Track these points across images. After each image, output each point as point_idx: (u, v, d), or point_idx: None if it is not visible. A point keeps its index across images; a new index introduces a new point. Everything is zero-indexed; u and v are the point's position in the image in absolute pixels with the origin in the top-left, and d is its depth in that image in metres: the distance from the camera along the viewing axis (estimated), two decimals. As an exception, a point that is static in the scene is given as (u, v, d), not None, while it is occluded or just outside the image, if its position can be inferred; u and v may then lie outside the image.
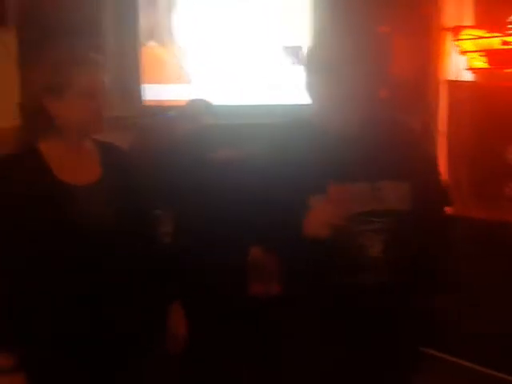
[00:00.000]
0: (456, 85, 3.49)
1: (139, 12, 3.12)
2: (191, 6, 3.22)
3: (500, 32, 3.19)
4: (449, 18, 3.45)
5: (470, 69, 3.38)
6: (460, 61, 3.43)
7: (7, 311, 1.59)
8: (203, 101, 2.77)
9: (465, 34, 3.33)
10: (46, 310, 1.60)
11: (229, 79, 3.28)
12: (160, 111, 3.04)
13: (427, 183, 1.78)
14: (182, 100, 2.86)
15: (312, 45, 1.71)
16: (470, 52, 3.33)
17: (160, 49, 3.18)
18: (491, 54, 3.24)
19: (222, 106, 2.94)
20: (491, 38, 3.22)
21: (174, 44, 3.21)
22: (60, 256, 1.58)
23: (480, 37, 3.26)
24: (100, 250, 1.61)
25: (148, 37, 3.17)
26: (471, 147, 3.44)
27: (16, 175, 1.61)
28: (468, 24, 3.40)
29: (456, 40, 3.38)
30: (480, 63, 3.30)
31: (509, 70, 3.22)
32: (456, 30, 3.38)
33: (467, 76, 3.45)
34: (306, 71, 1.66)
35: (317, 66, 1.63)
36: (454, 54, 3.44)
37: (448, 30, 3.44)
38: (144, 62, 3.16)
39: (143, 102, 3.17)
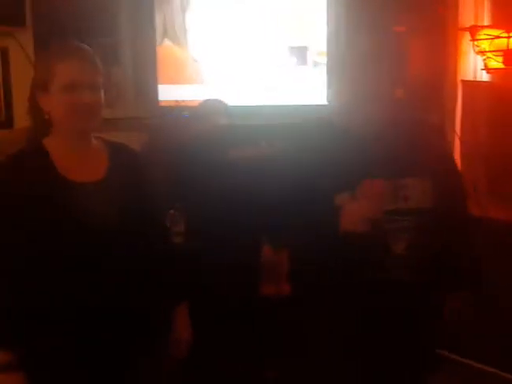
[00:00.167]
0: (472, 85, 3.46)
1: (155, 10, 3.11)
2: (205, 5, 3.21)
3: (517, 32, 3.16)
4: (466, 18, 3.43)
5: (486, 69, 3.35)
6: (477, 61, 3.41)
7: (6, 310, 1.58)
8: (218, 101, 2.76)
9: (482, 34, 3.30)
10: (46, 309, 1.59)
11: (243, 79, 3.27)
12: (175, 111, 3.05)
13: (449, 181, 1.79)
14: (198, 100, 2.86)
15: (331, 45, 1.71)
16: (487, 52, 3.30)
17: (175, 48, 3.18)
18: (507, 54, 3.21)
19: (237, 107, 2.94)
20: (508, 38, 3.19)
21: (189, 44, 3.21)
22: (61, 254, 1.57)
23: (496, 36, 3.24)
24: (101, 249, 1.60)
25: (163, 36, 3.17)
26: (487, 147, 3.41)
27: (20, 173, 1.61)
28: (485, 24, 3.37)
29: (473, 40, 3.35)
30: (496, 63, 3.28)
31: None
32: (473, 30, 3.35)
33: (484, 76, 3.42)
34: (327, 71, 1.67)
35: (337, 66, 1.63)
36: (471, 54, 3.42)
37: (465, 30, 3.42)
38: (159, 62, 3.16)
39: (159, 103, 3.17)
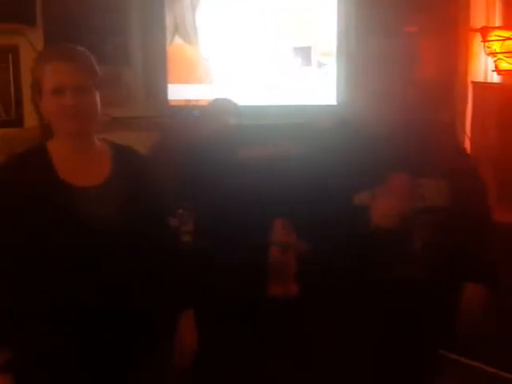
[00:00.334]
0: (483, 86, 3.45)
1: (165, 10, 3.11)
2: (215, 3, 3.20)
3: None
4: (477, 19, 3.42)
5: (497, 70, 3.34)
6: (488, 62, 3.40)
7: (6, 310, 1.58)
8: (227, 100, 2.76)
9: (493, 35, 3.29)
10: (48, 309, 1.59)
11: (251, 79, 3.27)
12: (185, 111, 3.05)
13: (465, 182, 1.79)
14: (208, 100, 2.86)
15: (341, 45, 1.72)
16: (498, 53, 3.29)
17: (186, 47, 3.17)
18: (518, 56, 3.20)
19: (247, 107, 2.93)
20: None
21: (199, 42, 3.20)
22: (62, 255, 1.57)
23: (508, 38, 3.22)
24: (101, 250, 1.59)
25: (173, 34, 3.16)
26: (497, 149, 3.40)
27: (22, 173, 1.61)
28: (496, 25, 3.36)
29: (484, 41, 3.34)
30: (507, 65, 3.27)
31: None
32: (484, 31, 3.34)
33: (494, 78, 3.41)
34: (336, 71, 1.67)
35: (347, 67, 1.64)
36: (482, 55, 3.41)
37: (476, 31, 3.40)
38: (170, 61, 3.15)
39: (169, 102, 3.17)
